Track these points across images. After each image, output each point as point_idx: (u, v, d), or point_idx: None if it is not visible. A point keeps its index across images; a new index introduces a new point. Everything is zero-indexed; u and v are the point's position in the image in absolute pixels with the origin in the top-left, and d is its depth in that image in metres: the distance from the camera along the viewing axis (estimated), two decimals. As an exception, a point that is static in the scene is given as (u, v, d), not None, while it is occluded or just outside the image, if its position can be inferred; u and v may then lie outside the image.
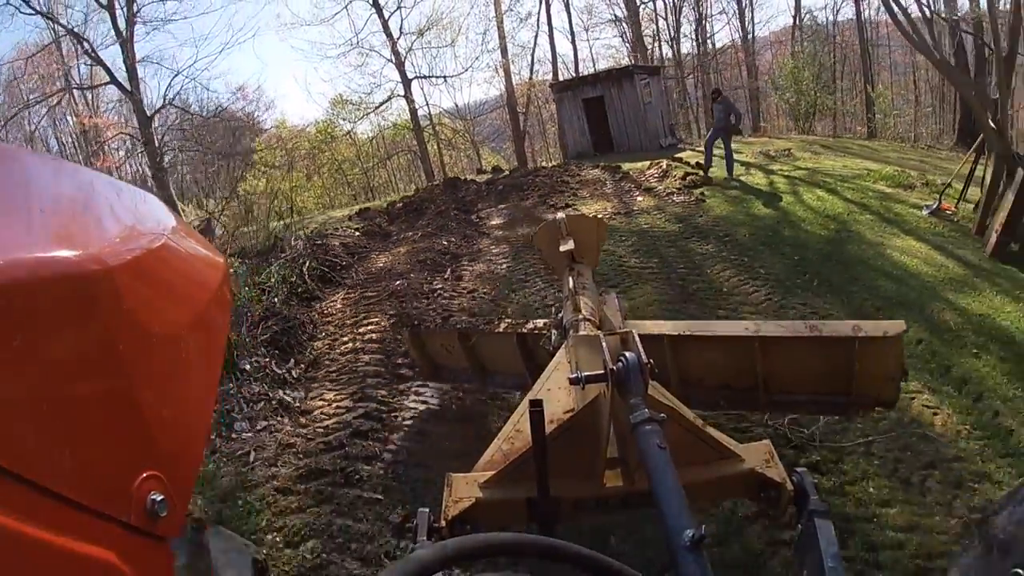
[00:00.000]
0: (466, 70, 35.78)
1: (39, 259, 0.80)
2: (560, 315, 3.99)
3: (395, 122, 36.24)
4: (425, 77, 35.24)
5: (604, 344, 2.12)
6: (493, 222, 13.47)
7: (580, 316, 3.59)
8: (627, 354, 1.97)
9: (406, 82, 33.36)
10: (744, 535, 4.14)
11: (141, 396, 0.91)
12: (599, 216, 5.69)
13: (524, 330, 4.81)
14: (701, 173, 15.33)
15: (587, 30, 51.74)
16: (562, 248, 4.17)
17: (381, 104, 34.48)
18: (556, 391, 2.80)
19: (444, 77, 35.66)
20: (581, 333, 3.31)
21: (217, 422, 6.01)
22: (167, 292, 1.06)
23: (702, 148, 23.37)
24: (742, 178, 15.61)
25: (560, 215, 4.47)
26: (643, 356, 1.99)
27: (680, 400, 2.81)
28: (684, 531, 1.36)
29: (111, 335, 0.87)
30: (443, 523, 2.39)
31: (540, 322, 4.85)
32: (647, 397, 1.93)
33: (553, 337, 4.03)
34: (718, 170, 16.83)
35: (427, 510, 2.37)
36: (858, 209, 12.10)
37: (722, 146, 15.54)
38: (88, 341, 0.85)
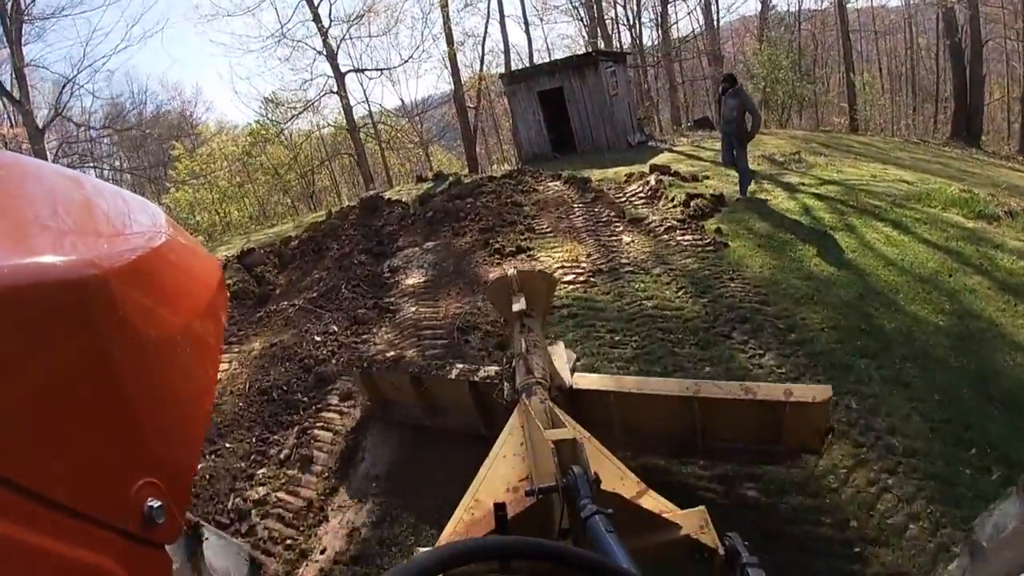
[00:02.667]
0: (406, 61, 30.51)
1: (34, 264, 0.75)
2: (512, 366, 3.82)
3: (334, 121, 31.12)
4: (360, 70, 30.06)
5: (554, 459, 2.20)
6: (410, 281, 8.76)
7: (532, 379, 3.45)
8: (575, 468, 2.05)
9: (339, 76, 28.18)
10: None
11: (137, 402, 0.86)
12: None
13: (476, 378, 4.53)
14: (707, 193, 10.69)
15: (541, 19, 46.88)
16: (514, 308, 3.96)
17: (311, 103, 29.13)
18: (511, 458, 2.82)
19: (381, 70, 30.58)
20: (533, 400, 3.24)
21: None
22: (162, 297, 0.98)
23: (679, 149, 19.01)
24: (758, 196, 11.06)
25: (511, 271, 4.16)
26: (589, 470, 2.08)
27: (624, 444, 3.90)
28: None
29: (107, 340, 0.82)
30: None
31: (492, 370, 4.56)
32: (596, 493, 1.99)
33: (505, 390, 3.88)
34: (716, 179, 12.35)
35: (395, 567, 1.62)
36: (955, 262, 7.65)
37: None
38: (84, 347, 0.79)
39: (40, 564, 0.69)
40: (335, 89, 28.36)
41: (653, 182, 11.52)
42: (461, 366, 4.80)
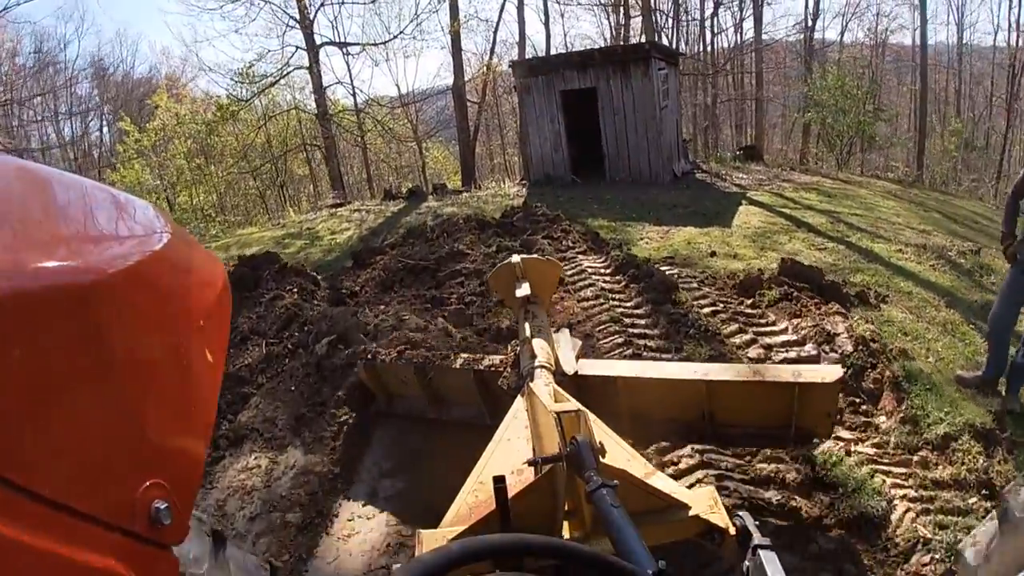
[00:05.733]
0: (396, 36, 22.79)
1: (37, 269, 0.72)
2: (516, 353, 3.66)
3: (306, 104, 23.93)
4: (338, 43, 22.71)
5: (559, 428, 2.01)
6: None
7: (536, 363, 3.12)
8: (578, 438, 1.89)
9: (312, 50, 20.97)
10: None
11: (143, 404, 0.82)
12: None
13: (480, 367, 4.11)
14: (990, 415, 3.88)
15: (563, 15, 39.52)
16: (518, 293, 3.61)
17: (272, 79, 21.81)
18: (516, 440, 2.66)
19: (363, 44, 23.11)
20: (537, 383, 2.90)
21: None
22: (167, 300, 0.93)
23: (757, 197, 11.79)
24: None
25: (516, 258, 3.76)
26: (593, 439, 1.95)
27: (631, 431, 3.20)
28: (647, 568, 1.21)
29: (111, 344, 0.77)
30: None
31: (496, 359, 4.13)
32: (600, 466, 1.84)
33: (510, 378, 3.66)
34: (898, 303, 5.86)
35: (399, 565, 1.79)
36: None
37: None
38: (89, 351, 0.75)
39: (47, 566, 0.66)
40: (306, 64, 21.13)
41: (848, 342, 4.60)
42: (465, 355, 4.33)
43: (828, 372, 3.33)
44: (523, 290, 3.61)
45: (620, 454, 2.45)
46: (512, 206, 11.06)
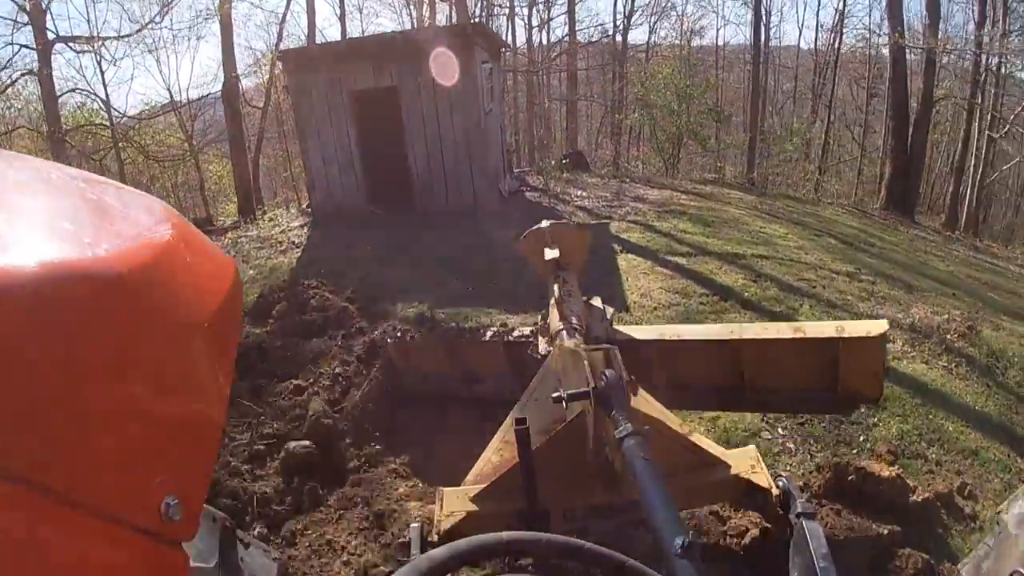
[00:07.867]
0: (144, 27, 16.81)
1: (50, 263, 0.68)
2: (547, 322, 3.29)
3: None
4: (65, 39, 16.47)
5: (586, 362, 1.91)
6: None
7: (566, 325, 2.88)
8: (608, 372, 1.78)
9: (43, 48, 14.83)
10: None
11: (154, 399, 0.76)
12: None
13: (511, 338, 4.01)
14: None
15: (361, 10, 34.56)
16: (547, 256, 3.43)
17: (7, 86, 15.57)
18: (544, 402, 2.46)
19: (103, 39, 17.09)
20: (567, 343, 2.65)
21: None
22: (178, 294, 0.85)
23: (624, 234, 8.28)
24: None
25: (544, 223, 3.54)
26: (624, 373, 1.82)
27: (668, 401, 2.79)
28: (675, 538, 1.18)
29: (123, 339, 0.73)
30: (435, 537, 2.17)
31: (527, 329, 4.05)
32: (631, 411, 1.73)
33: (540, 345, 3.31)
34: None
35: (419, 524, 2.11)
36: None
37: None
38: (100, 345, 0.70)
39: (57, 562, 0.63)
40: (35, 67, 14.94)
41: None
42: (495, 329, 4.34)
43: (873, 326, 2.99)
44: (552, 253, 3.41)
45: (653, 410, 2.24)
46: (280, 275, 6.71)
